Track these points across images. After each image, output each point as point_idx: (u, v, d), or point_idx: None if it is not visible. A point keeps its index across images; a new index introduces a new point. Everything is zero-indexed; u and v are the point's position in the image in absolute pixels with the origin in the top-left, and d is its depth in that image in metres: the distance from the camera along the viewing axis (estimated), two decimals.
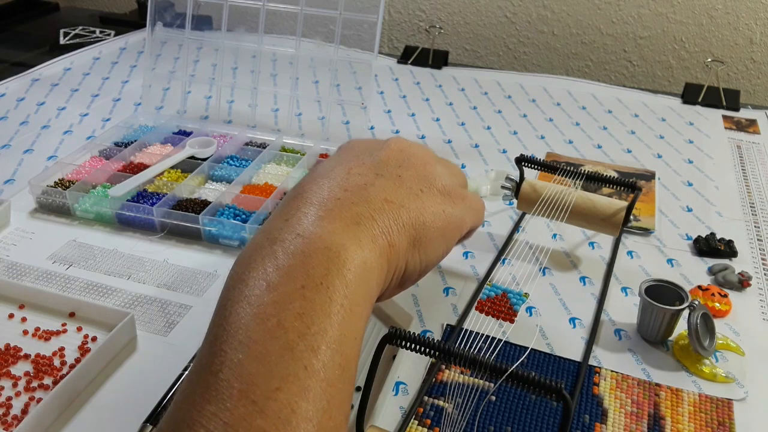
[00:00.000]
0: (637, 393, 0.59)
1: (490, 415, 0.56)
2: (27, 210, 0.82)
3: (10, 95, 1.14)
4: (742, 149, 1.04)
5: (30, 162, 0.94)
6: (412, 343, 0.47)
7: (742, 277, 0.72)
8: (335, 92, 1.16)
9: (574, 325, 0.67)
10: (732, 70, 1.39)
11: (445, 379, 0.59)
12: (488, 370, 0.45)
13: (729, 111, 1.16)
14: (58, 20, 1.54)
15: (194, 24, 0.99)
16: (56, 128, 1.04)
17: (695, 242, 0.79)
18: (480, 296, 0.69)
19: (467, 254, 0.77)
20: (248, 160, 0.90)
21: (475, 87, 1.24)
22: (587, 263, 0.76)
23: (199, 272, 0.72)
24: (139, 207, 0.78)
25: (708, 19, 1.36)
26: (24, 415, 0.54)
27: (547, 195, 0.74)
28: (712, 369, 0.61)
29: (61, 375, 0.58)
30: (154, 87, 1.06)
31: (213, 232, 0.76)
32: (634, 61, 1.45)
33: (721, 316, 0.68)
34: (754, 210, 0.87)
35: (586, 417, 0.56)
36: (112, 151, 0.91)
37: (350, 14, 0.92)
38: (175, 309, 0.67)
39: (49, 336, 0.62)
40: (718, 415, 0.57)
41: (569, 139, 1.05)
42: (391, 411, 0.56)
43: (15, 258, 0.74)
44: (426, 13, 1.54)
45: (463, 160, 0.97)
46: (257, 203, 0.80)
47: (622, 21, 1.41)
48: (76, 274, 0.71)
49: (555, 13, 1.45)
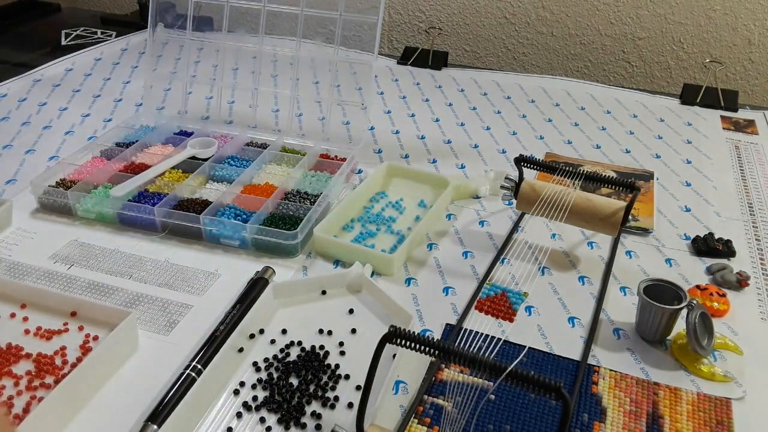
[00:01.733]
0: (635, 392, 0.59)
1: (490, 414, 0.56)
2: (29, 210, 0.82)
3: (11, 96, 1.14)
4: (741, 149, 1.04)
5: (32, 162, 0.94)
6: (412, 342, 0.47)
7: (740, 277, 0.72)
8: (335, 93, 1.16)
9: (573, 324, 0.67)
10: (730, 70, 1.39)
11: (445, 378, 0.59)
12: (488, 369, 0.45)
13: (727, 111, 1.17)
14: (59, 21, 1.55)
15: (195, 25, 0.99)
16: (58, 128, 1.04)
17: (694, 242, 0.79)
18: (479, 296, 0.70)
19: (467, 254, 0.77)
20: (249, 161, 0.91)
21: (474, 88, 1.24)
22: (586, 263, 0.76)
23: (200, 272, 0.73)
24: (141, 207, 0.79)
25: (706, 20, 1.36)
26: (26, 413, 0.55)
27: (546, 195, 0.75)
28: (711, 368, 0.61)
29: (62, 374, 0.58)
30: (155, 87, 1.07)
31: (214, 232, 0.77)
32: (633, 62, 1.45)
33: (720, 316, 0.68)
34: (753, 210, 0.87)
35: (585, 416, 0.56)
36: (113, 152, 0.92)
37: (350, 15, 0.93)
38: (176, 308, 0.67)
39: (50, 335, 0.63)
40: (717, 414, 0.57)
41: (568, 140, 1.06)
42: (391, 410, 0.57)
43: (17, 258, 0.74)
44: (426, 14, 1.55)
45: (463, 160, 0.98)
46: (258, 203, 0.80)
47: (620, 22, 1.42)
48: (78, 274, 0.72)
49: (554, 14, 1.45)
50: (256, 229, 0.75)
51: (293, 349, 0.63)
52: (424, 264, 0.75)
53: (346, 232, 0.80)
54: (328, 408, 0.57)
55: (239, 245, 0.77)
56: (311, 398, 0.57)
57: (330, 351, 0.62)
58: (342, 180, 0.88)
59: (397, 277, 0.73)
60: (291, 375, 0.59)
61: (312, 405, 0.57)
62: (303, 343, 0.63)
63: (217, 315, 0.66)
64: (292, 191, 0.85)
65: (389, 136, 1.06)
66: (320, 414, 0.56)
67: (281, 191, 0.84)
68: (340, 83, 1.21)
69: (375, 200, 0.86)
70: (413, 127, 1.09)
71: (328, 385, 0.59)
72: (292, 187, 0.86)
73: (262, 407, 0.56)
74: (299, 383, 0.59)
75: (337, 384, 0.59)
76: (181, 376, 0.57)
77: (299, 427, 0.55)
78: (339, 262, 0.75)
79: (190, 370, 0.58)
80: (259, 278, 0.69)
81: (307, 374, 0.59)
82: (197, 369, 0.58)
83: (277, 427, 0.55)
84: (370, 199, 0.87)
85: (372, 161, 0.97)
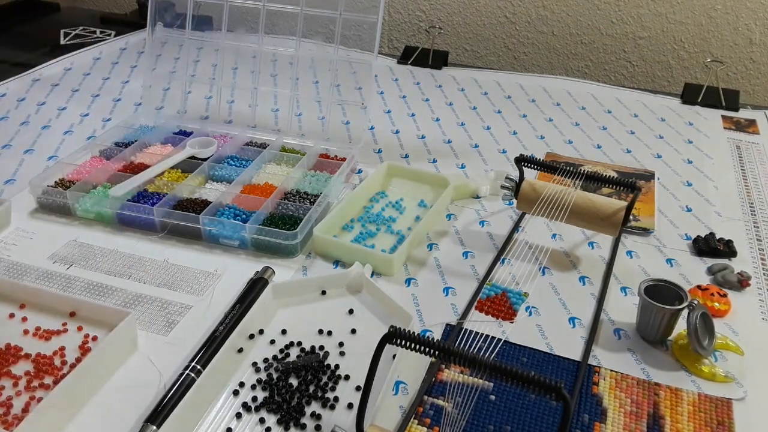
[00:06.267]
0: (636, 392, 0.59)
1: (490, 415, 0.56)
2: (27, 210, 0.82)
3: (10, 95, 1.14)
4: (742, 149, 1.04)
5: (30, 162, 0.94)
6: (412, 343, 0.47)
7: (741, 277, 0.72)
8: (335, 92, 1.16)
9: (573, 324, 0.67)
10: (731, 70, 1.39)
11: (445, 379, 0.59)
12: (488, 369, 0.45)
13: (728, 111, 1.17)
14: (58, 21, 1.54)
15: (194, 24, 0.99)
16: (57, 128, 1.04)
17: (694, 242, 0.79)
18: (480, 296, 0.69)
19: (467, 254, 0.77)
20: (248, 160, 0.91)
21: (474, 87, 1.24)
22: (587, 263, 0.76)
23: (200, 272, 0.73)
24: (140, 207, 0.78)
25: (707, 19, 1.36)
26: (25, 414, 0.54)
27: (547, 195, 0.74)
28: (712, 368, 0.61)
29: (61, 374, 0.58)
30: (154, 87, 1.06)
31: (213, 232, 0.77)
32: (634, 62, 1.45)
33: (721, 316, 0.68)
34: (754, 210, 0.87)
35: (585, 416, 0.56)
36: (112, 151, 0.92)
37: (350, 15, 0.93)
38: (175, 308, 0.67)
39: (49, 335, 0.62)
40: (718, 415, 0.57)
41: (569, 139, 1.05)
42: (391, 410, 0.56)
43: (15, 258, 0.74)
44: (426, 13, 1.55)
45: (463, 160, 0.98)
46: (257, 203, 0.80)
47: (621, 21, 1.41)
48: (77, 274, 0.72)
49: (554, 14, 1.45)
50: (255, 229, 0.75)
51: (293, 350, 0.62)
52: (424, 264, 0.75)
53: (345, 232, 0.80)
54: (327, 408, 0.57)
55: (239, 245, 0.76)
56: (311, 399, 0.57)
57: (330, 351, 0.62)
58: (342, 180, 0.88)
59: (397, 277, 0.73)
60: (291, 375, 0.59)
61: (312, 405, 0.57)
62: (303, 344, 0.63)
63: (216, 315, 0.66)
64: (292, 191, 0.85)
65: (389, 136, 1.05)
66: (320, 414, 0.56)
67: (281, 191, 0.84)
68: (340, 83, 1.20)
69: (375, 200, 0.86)
70: (413, 126, 1.09)
71: (327, 386, 0.58)
72: (291, 187, 0.86)
73: (262, 408, 0.56)
74: (299, 384, 0.58)
75: (336, 384, 0.59)
76: (180, 376, 0.57)
77: (299, 428, 0.55)
78: (339, 262, 0.75)
79: (189, 371, 0.57)
80: (258, 278, 0.69)
81: (307, 375, 0.59)
82: (197, 369, 0.58)
83: (277, 428, 0.55)
84: (370, 199, 0.86)
85: (372, 161, 0.97)
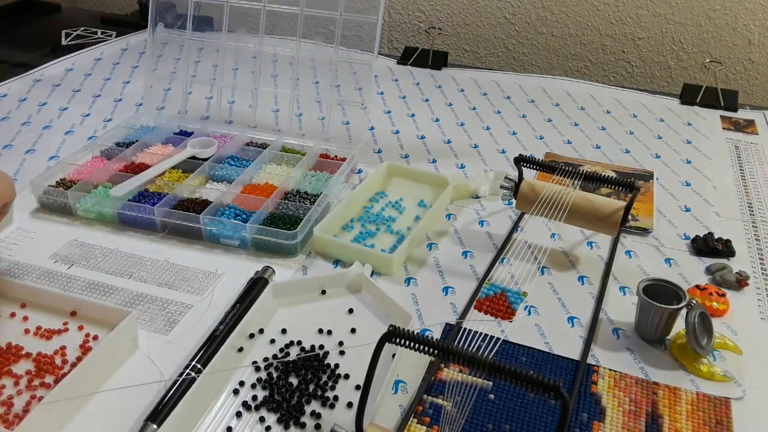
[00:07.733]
0: (635, 391, 0.59)
1: (489, 414, 0.56)
2: (29, 210, 0.82)
3: (12, 95, 1.14)
4: (740, 149, 1.04)
5: (32, 162, 0.94)
6: (412, 342, 0.47)
7: (739, 277, 0.72)
8: (335, 93, 1.16)
9: (572, 324, 0.67)
10: (730, 70, 1.39)
11: (445, 378, 0.59)
12: (487, 368, 0.45)
13: (727, 111, 1.17)
14: (59, 21, 1.55)
15: (195, 25, 0.99)
16: (58, 128, 1.04)
17: (693, 242, 0.79)
18: (479, 295, 0.70)
19: (466, 254, 0.77)
20: (249, 160, 0.91)
21: (474, 88, 1.24)
22: (586, 262, 0.76)
23: (200, 271, 0.73)
24: (141, 207, 0.79)
25: (706, 20, 1.36)
26: (25, 413, 0.55)
27: (546, 195, 0.75)
28: (710, 368, 0.61)
29: (62, 373, 0.58)
30: (155, 87, 1.07)
31: (214, 232, 0.77)
32: (633, 62, 1.45)
33: (719, 316, 0.68)
34: (752, 210, 0.88)
35: (584, 415, 0.57)
36: (113, 151, 0.92)
37: (350, 15, 0.93)
38: (175, 308, 0.67)
39: (50, 335, 0.63)
40: (716, 414, 0.57)
41: (568, 140, 1.06)
42: (390, 409, 0.57)
43: (17, 257, 0.74)
44: (426, 14, 1.55)
45: (463, 160, 0.98)
46: (258, 203, 0.80)
47: (620, 22, 1.42)
48: (78, 274, 0.72)
49: (554, 14, 1.45)
50: (255, 228, 0.75)
51: (293, 349, 0.63)
52: (423, 264, 0.75)
53: (345, 231, 0.80)
54: (327, 407, 0.57)
55: (239, 245, 0.77)
56: (311, 398, 0.57)
57: (330, 350, 0.62)
58: (342, 180, 0.88)
59: (397, 276, 0.73)
60: (290, 374, 0.60)
61: (311, 404, 0.57)
62: (303, 343, 0.63)
63: (216, 315, 0.66)
64: (292, 191, 0.85)
65: (389, 136, 1.06)
66: (320, 413, 0.56)
67: (281, 191, 0.84)
68: (340, 83, 1.21)
69: (375, 200, 0.86)
70: (413, 127, 1.09)
71: (327, 385, 0.59)
72: (291, 187, 0.86)
73: (262, 407, 0.57)
74: (299, 383, 0.59)
75: (336, 383, 0.59)
76: (181, 375, 0.57)
77: (299, 427, 0.55)
78: (339, 261, 0.75)
79: (189, 370, 0.58)
80: (258, 278, 0.69)
81: (307, 374, 0.59)
82: (197, 368, 0.58)
83: (277, 427, 0.55)
84: (370, 199, 0.87)
85: (372, 161, 0.97)
